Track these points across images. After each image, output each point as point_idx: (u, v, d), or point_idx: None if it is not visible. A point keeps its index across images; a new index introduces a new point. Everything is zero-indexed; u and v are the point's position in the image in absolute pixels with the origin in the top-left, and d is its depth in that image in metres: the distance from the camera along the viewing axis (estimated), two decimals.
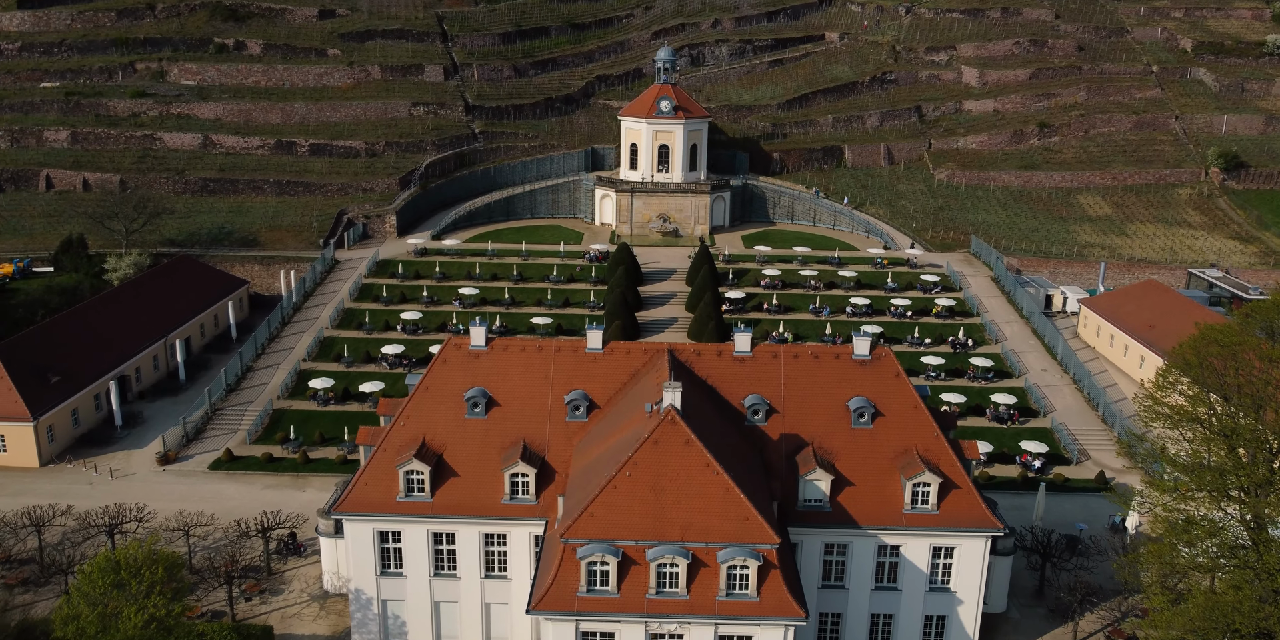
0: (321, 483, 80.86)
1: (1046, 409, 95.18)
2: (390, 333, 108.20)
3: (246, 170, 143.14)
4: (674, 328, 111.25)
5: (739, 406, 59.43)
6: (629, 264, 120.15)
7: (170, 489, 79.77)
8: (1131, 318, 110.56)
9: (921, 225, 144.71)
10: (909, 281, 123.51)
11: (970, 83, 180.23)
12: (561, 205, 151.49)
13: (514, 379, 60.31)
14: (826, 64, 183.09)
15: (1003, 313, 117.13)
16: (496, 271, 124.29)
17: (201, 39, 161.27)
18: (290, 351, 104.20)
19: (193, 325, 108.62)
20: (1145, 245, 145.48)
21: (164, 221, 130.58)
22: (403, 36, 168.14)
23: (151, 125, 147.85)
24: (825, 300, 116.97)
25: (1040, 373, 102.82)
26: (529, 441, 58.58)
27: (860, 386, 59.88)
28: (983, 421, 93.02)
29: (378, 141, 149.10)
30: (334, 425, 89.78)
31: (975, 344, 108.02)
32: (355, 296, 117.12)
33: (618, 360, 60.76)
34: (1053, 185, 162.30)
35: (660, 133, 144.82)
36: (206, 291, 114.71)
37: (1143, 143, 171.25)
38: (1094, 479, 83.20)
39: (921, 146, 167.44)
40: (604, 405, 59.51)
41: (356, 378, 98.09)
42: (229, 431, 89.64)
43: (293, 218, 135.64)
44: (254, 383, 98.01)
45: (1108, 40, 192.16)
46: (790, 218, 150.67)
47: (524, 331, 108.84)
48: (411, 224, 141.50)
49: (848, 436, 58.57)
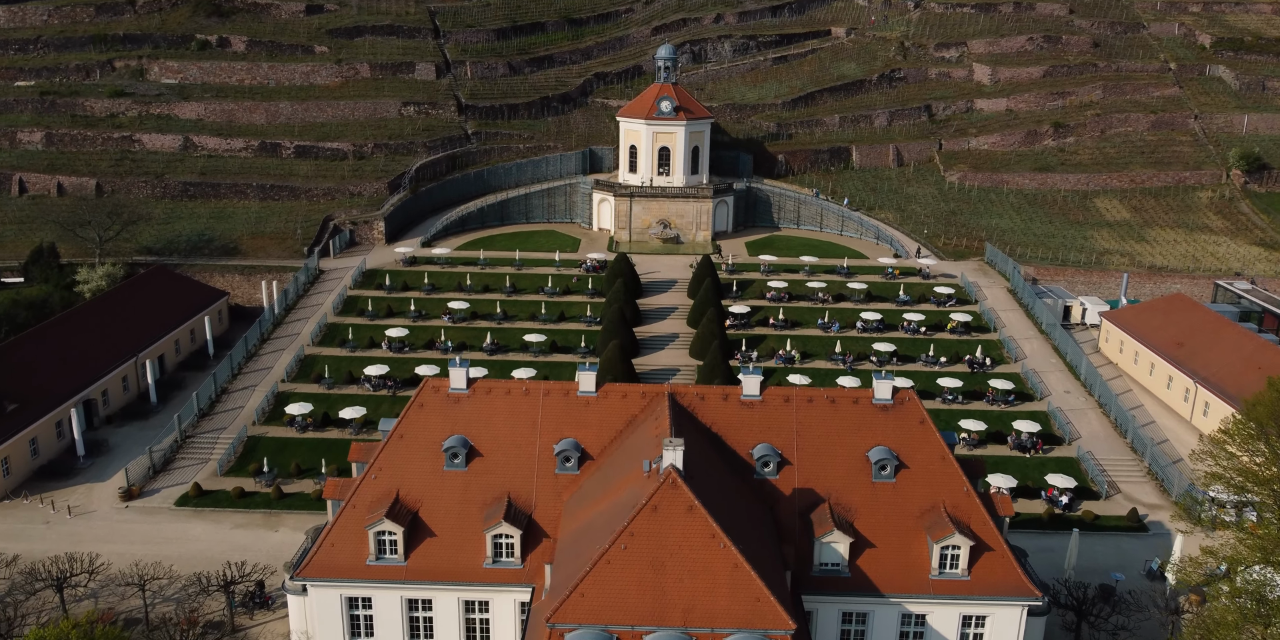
0: (295, 521, 75.09)
1: (1071, 436, 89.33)
2: (374, 350, 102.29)
3: (229, 173, 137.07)
4: (675, 345, 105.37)
5: (747, 457, 53.61)
6: (627, 276, 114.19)
7: (132, 529, 74.01)
8: (1157, 334, 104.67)
9: (933, 231, 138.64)
10: (922, 293, 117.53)
11: (982, 80, 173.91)
12: (558, 209, 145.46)
13: (498, 426, 54.45)
14: (833, 61, 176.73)
15: (1021, 328, 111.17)
16: (488, 283, 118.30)
17: (183, 35, 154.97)
18: (269, 371, 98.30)
19: (167, 342, 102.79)
20: (1166, 252, 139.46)
21: (140, 229, 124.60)
22: (393, 32, 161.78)
23: (130, 126, 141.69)
24: (834, 314, 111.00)
25: (1063, 395, 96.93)
26: (514, 497, 52.77)
27: (882, 435, 54.03)
28: (1004, 449, 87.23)
29: (366, 143, 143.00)
30: (311, 454, 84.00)
31: (993, 363, 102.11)
32: (339, 310, 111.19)
33: (613, 405, 54.89)
34: (1068, 187, 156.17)
35: (660, 134, 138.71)
36: (183, 304, 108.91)
37: (1161, 143, 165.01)
38: (1126, 517, 77.39)
39: (932, 147, 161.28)
40: (597, 456, 53.71)
41: (337, 401, 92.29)
42: (199, 462, 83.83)
43: (276, 224, 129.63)
44: (228, 406, 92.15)
45: (1124, 36, 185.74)
46: (796, 223, 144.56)
47: (516, 348, 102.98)
48: (401, 230, 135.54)
49: (868, 491, 52.76)
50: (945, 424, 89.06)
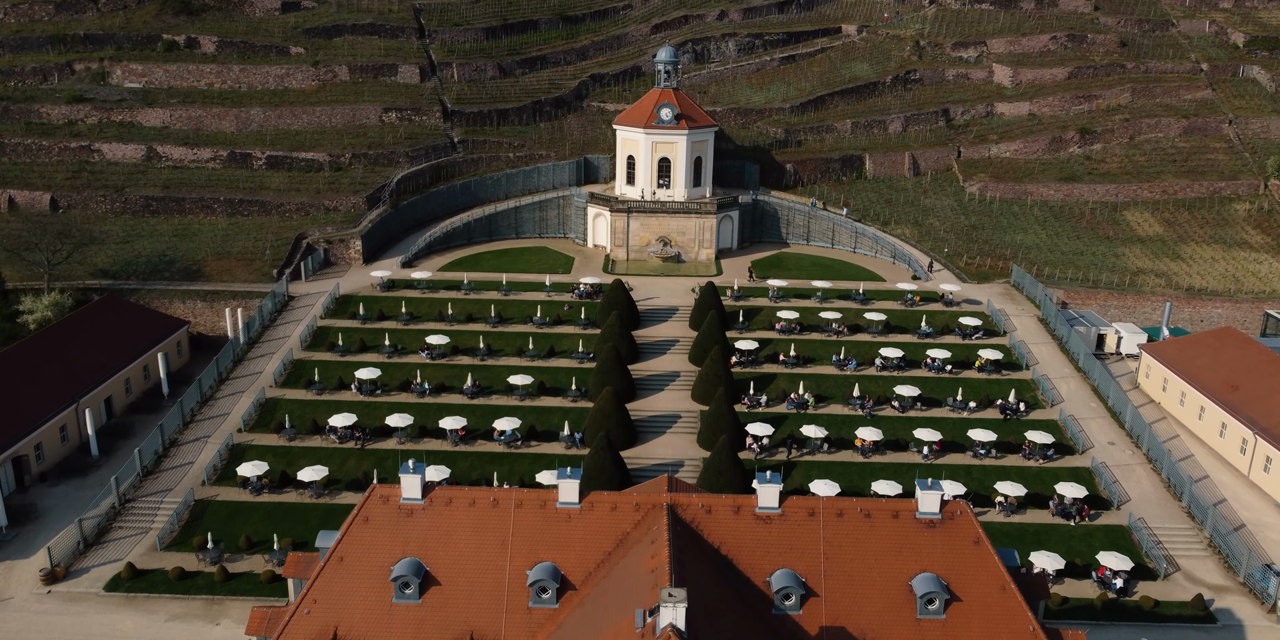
0: (240, 611, 65.44)
1: (1120, 498, 79.60)
2: (343, 393, 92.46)
3: (194, 187, 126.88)
4: (675, 385, 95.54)
5: (763, 586, 43.92)
6: (624, 306, 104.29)
7: (51, 623, 64.34)
8: (1207, 374, 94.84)
9: (954, 250, 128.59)
10: (945, 324, 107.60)
11: (1002, 82, 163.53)
12: (550, 224, 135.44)
13: (460, 546, 44.73)
14: (844, 61, 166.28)
15: (1055, 364, 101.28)
16: (472, 311, 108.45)
17: (149, 35, 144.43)
18: (225, 418, 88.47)
19: (116, 381, 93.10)
20: (1204, 272, 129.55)
21: (95, 250, 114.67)
22: (374, 32, 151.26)
23: (89, 134, 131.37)
24: (850, 349, 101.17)
25: (1107, 447, 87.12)
26: (478, 638, 43.03)
27: (928, 558, 44.33)
28: (1045, 515, 77.51)
29: (343, 152, 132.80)
30: (265, 524, 74.37)
31: (1028, 407, 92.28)
32: (307, 344, 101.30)
33: (600, 519, 45.14)
34: (1096, 199, 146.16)
35: (660, 144, 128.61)
36: (137, 337, 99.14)
37: (1194, 150, 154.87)
38: (1190, 604, 67.75)
39: (950, 155, 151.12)
40: (581, 585, 43.99)
41: (299, 456, 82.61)
42: (138, 532, 74.06)
43: (244, 242, 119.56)
44: (176, 462, 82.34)
45: (1152, 35, 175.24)
46: (805, 239, 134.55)
47: (501, 390, 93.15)
48: (380, 248, 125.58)
49: (912, 631, 43.06)
50: (979, 484, 79.63)
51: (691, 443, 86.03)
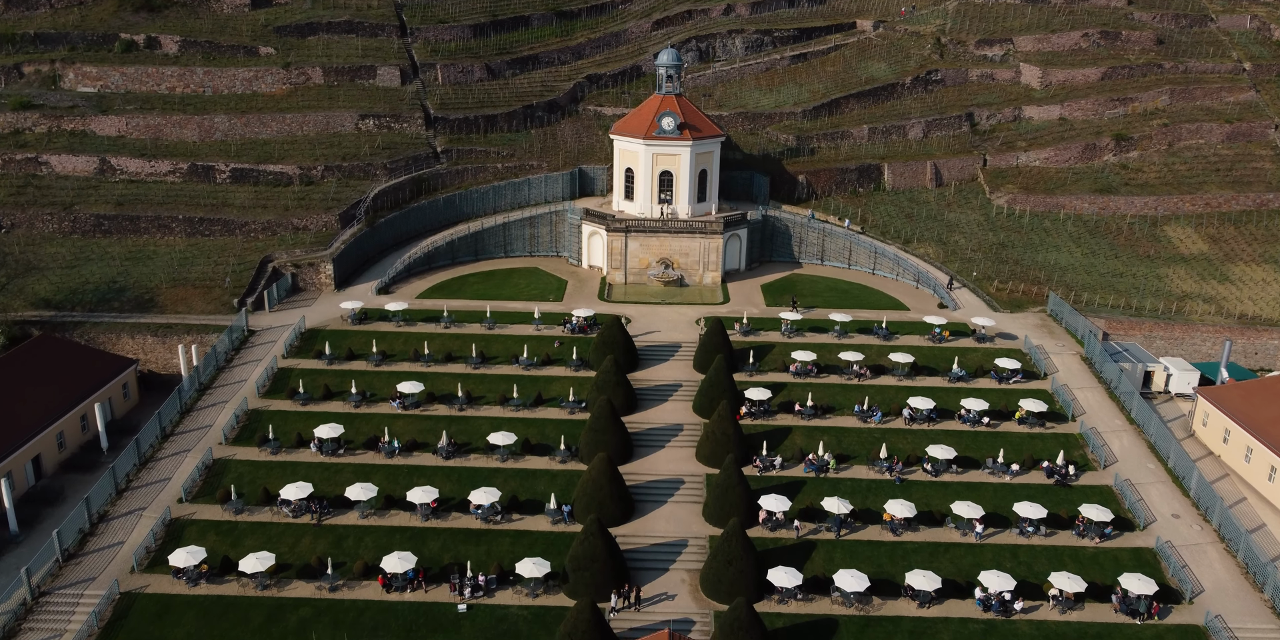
0: None
1: (1193, 589, 68.71)
2: (302, 452, 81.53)
3: (151, 204, 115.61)
4: (678, 440, 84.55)
5: None
6: (620, 346, 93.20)
7: None
8: (1278, 428, 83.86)
9: (984, 273, 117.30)
10: (979, 364, 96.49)
11: (1031, 84, 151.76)
12: (541, 241, 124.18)
13: None
14: (859, 60, 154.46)
15: (1104, 414, 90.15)
16: (452, 350, 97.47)
17: (106, 34, 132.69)
18: (165, 485, 77.55)
19: (47, 437, 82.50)
20: (1256, 296, 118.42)
21: (36, 279, 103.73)
22: (352, 30, 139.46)
23: (37, 145, 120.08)
24: (874, 396, 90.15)
25: (1171, 521, 76.17)
26: None
27: None
28: (1107, 611, 66.67)
29: (315, 165, 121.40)
30: (199, 623, 63.72)
31: (1078, 469, 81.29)
32: (265, 390, 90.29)
33: None
34: (1133, 212, 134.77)
35: (662, 156, 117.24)
36: (77, 381, 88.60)
37: (1238, 159, 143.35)
38: None
39: (975, 164, 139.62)
40: None
41: (245, 533, 71.89)
42: (50, 635, 63.30)
43: (203, 267, 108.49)
44: (103, 543, 71.48)
45: (1189, 31, 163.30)
46: (820, 258, 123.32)
47: (480, 449, 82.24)
48: (354, 271, 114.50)
49: None
50: (1028, 570, 69.02)
51: (696, 515, 75.23)
